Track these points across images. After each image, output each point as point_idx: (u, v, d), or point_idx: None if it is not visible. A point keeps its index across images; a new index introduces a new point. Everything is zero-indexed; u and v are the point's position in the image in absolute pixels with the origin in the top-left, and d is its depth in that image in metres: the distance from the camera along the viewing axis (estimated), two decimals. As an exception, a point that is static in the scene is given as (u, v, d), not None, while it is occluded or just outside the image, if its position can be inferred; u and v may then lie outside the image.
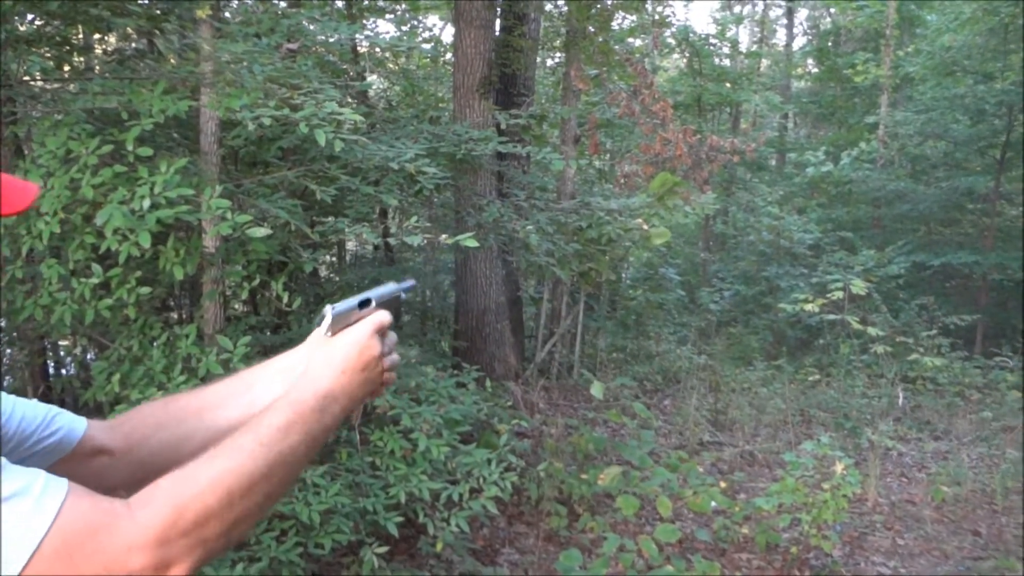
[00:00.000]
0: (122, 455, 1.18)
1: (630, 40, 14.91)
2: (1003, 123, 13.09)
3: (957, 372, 9.80)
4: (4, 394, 1.07)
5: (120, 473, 1.16)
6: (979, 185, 13.94)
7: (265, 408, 1.03)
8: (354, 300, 1.14)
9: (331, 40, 5.41)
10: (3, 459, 0.82)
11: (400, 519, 3.94)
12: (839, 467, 5.06)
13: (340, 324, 1.12)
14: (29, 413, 1.11)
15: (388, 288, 1.20)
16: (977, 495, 6.33)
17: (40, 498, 0.80)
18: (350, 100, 7.09)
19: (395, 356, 1.17)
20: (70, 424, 1.16)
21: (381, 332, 1.13)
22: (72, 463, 1.12)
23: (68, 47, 4.59)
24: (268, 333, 5.93)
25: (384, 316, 1.14)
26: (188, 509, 0.86)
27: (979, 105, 12.87)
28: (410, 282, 1.26)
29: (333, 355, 1.09)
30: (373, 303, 1.15)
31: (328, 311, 1.11)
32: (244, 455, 0.93)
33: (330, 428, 1.06)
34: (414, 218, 4.82)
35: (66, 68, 4.62)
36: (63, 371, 7.00)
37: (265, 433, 0.97)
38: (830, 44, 21.86)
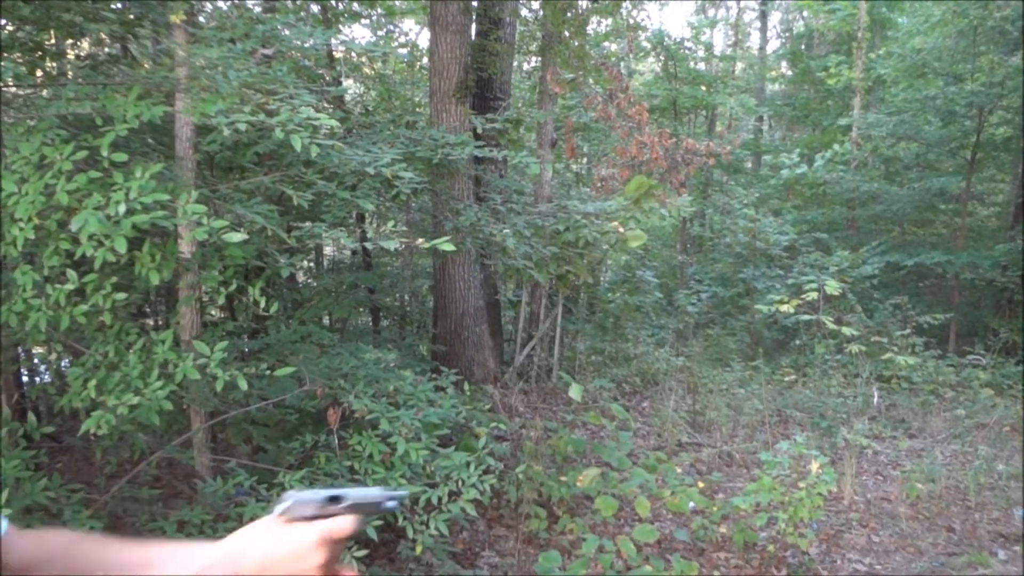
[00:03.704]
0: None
1: (606, 44, 14.99)
2: (973, 124, 13.25)
3: (931, 371, 9.90)
4: None
5: None
6: (951, 186, 14.10)
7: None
8: (321, 493, 1.01)
9: (306, 45, 5.40)
10: None
11: (379, 523, 3.95)
12: (815, 466, 5.10)
13: (298, 513, 1.00)
14: None
15: (369, 492, 1.05)
16: (951, 492, 6.41)
17: None
18: (326, 105, 7.08)
19: (348, 572, 1.03)
20: None
21: (336, 540, 0.99)
22: None
23: (41, 52, 4.56)
24: (245, 339, 5.92)
25: (343, 526, 0.99)
26: None
27: (950, 106, 13.01)
28: (401, 493, 1.09)
29: (262, 546, 0.98)
30: (344, 503, 1.01)
31: (289, 496, 1.01)
32: None
33: None
34: (391, 222, 4.84)
35: (39, 73, 4.59)
36: (37, 378, 6.95)
37: None
38: (803, 47, 22.06)
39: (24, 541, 1.07)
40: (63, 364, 6.03)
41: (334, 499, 1.01)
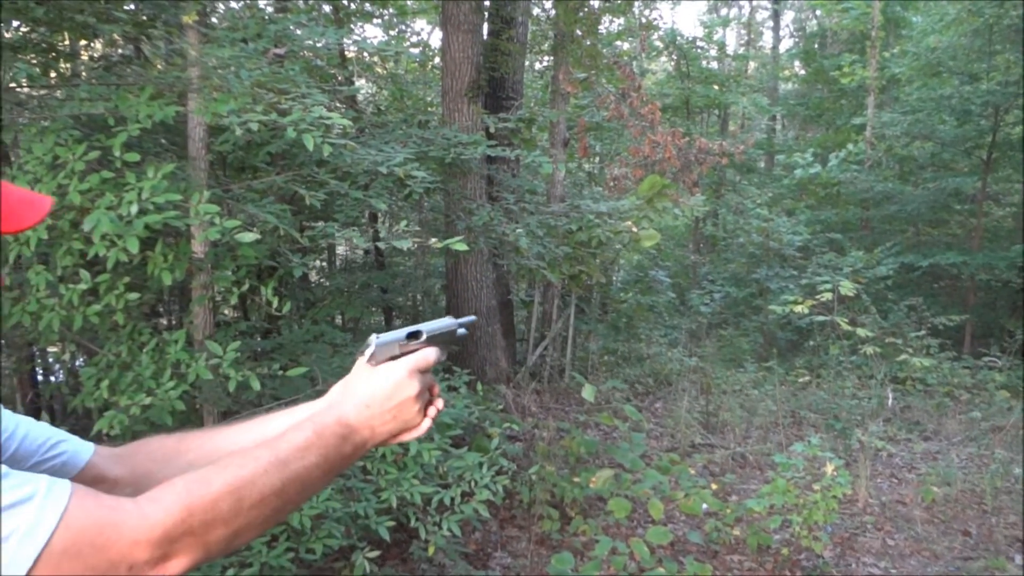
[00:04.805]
0: (125, 486, 1.15)
1: (618, 43, 14.95)
2: (989, 123, 13.15)
3: (946, 372, 9.82)
4: (9, 412, 1.08)
5: None
6: (966, 186, 14.00)
7: (289, 427, 1.02)
8: (402, 332, 1.10)
9: (318, 45, 5.40)
10: (3, 467, 0.82)
11: (392, 523, 3.94)
12: (829, 468, 5.07)
13: (384, 355, 1.08)
14: (33, 433, 1.11)
15: (442, 323, 1.13)
16: (967, 495, 6.35)
17: (45, 499, 0.80)
18: (338, 105, 7.08)
19: (439, 399, 1.13)
20: (75, 449, 1.16)
21: (423, 370, 1.09)
22: None
23: (54, 53, 4.57)
24: (259, 338, 5.93)
25: (428, 355, 1.10)
26: (198, 511, 0.87)
27: (965, 106, 12.91)
28: (469, 318, 1.19)
29: (362, 388, 1.07)
30: (423, 336, 1.10)
31: (372, 340, 1.08)
32: (260, 467, 0.93)
33: (350, 458, 1.05)
34: (404, 222, 4.82)
35: (52, 75, 4.60)
36: (51, 378, 6.98)
37: (284, 449, 0.96)
38: (816, 46, 21.95)
39: (127, 454, 1.21)
40: (77, 364, 6.05)
41: (413, 335, 1.09)
